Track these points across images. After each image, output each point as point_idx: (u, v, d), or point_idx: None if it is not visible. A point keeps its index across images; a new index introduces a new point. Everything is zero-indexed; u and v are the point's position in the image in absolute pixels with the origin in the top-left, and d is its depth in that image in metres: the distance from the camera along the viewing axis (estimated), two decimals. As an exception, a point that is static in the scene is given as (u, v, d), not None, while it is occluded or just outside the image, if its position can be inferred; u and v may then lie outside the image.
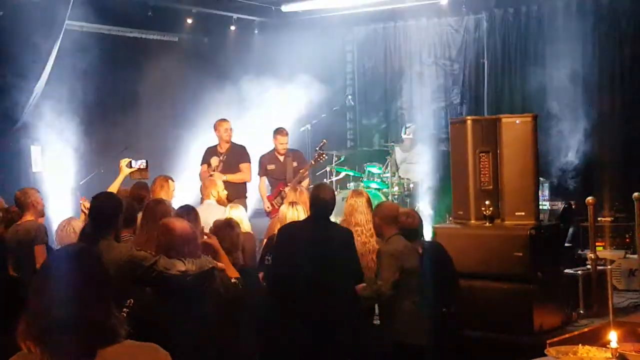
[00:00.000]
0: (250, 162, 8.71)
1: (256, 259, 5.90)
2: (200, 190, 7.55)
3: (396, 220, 5.14)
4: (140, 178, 6.88)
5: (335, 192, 9.93)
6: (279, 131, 8.85)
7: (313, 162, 8.85)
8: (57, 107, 9.65)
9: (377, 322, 5.55)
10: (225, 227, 4.62)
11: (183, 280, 3.70)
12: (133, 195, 6.37)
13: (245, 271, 4.62)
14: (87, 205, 6.93)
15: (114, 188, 6.30)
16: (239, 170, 8.57)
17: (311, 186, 6.99)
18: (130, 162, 6.79)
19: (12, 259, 5.79)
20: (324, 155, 8.87)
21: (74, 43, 10.11)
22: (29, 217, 6.07)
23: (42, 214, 6.33)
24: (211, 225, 4.85)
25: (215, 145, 8.76)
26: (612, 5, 9.76)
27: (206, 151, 8.79)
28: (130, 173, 6.76)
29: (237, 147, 8.72)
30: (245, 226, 5.87)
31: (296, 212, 5.70)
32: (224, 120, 8.74)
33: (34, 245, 5.77)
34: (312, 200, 5.20)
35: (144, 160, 6.85)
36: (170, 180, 6.97)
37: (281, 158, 8.82)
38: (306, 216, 5.50)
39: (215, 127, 8.70)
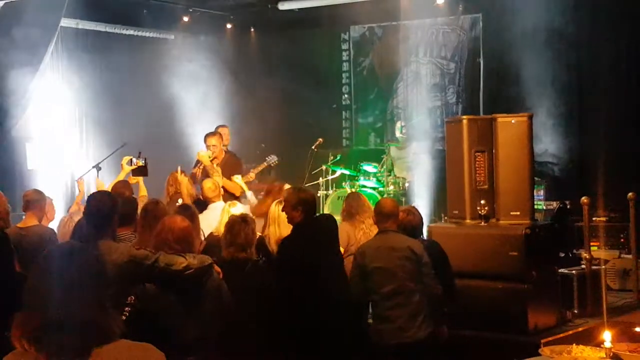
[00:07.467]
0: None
1: None
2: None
3: (381, 217, 5.02)
4: (141, 175, 6.89)
5: (332, 192, 10.05)
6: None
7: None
8: (53, 105, 9.64)
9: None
10: (240, 223, 4.60)
11: (185, 274, 3.75)
12: (115, 192, 6.27)
13: (257, 266, 4.65)
14: (83, 187, 6.95)
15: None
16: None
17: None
18: (131, 159, 6.81)
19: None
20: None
21: (70, 40, 10.10)
22: (34, 220, 5.79)
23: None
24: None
25: None
26: (610, 4, 9.76)
27: None
28: (131, 170, 6.79)
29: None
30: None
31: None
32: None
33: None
34: (299, 203, 4.99)
35: (144, 158, 6.88)
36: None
37: None
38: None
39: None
